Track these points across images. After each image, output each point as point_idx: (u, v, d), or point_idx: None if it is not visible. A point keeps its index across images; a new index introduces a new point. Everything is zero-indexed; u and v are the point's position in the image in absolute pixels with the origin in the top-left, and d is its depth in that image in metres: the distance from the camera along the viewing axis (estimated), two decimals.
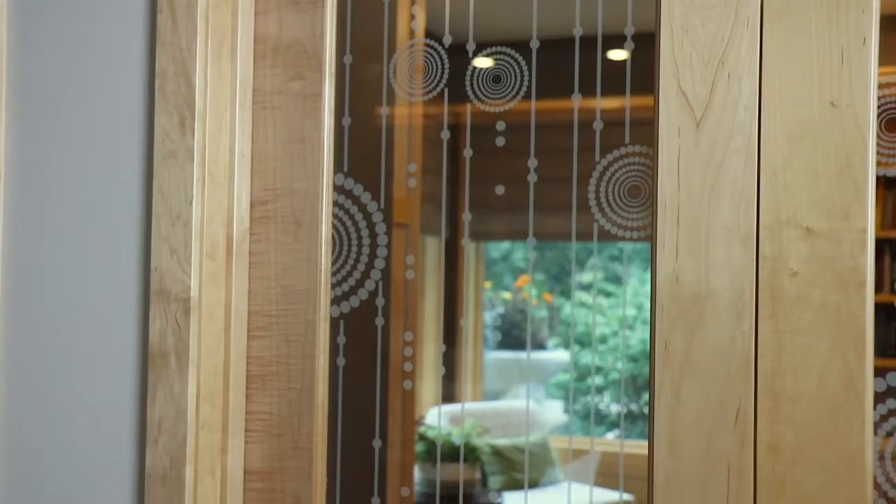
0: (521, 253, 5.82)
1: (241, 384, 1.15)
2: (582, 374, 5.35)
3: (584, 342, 5.62)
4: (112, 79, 1.14)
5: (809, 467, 0.94)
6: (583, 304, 5.73)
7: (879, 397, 0.94)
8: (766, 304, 0.96)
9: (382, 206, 1.15)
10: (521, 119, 1.08)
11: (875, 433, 0.94)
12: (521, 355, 5.20)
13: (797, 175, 0.95)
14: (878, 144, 0.95)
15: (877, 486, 0.94)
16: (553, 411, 5.05)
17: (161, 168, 1.11)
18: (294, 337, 1.14)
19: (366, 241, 1.15)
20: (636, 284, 5.32)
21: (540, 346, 5.32)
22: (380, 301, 1.14)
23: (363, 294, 1.15)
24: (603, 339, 5.58)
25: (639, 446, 1.12)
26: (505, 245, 5.82)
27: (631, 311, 5.30)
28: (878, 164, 0.95)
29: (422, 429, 3.49)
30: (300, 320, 1.13)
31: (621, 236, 1.05)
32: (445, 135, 1.11)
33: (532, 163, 1.08)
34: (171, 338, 1.10)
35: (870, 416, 0.93)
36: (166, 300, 1.10)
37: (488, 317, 5.33)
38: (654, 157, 1.01)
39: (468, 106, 1.10)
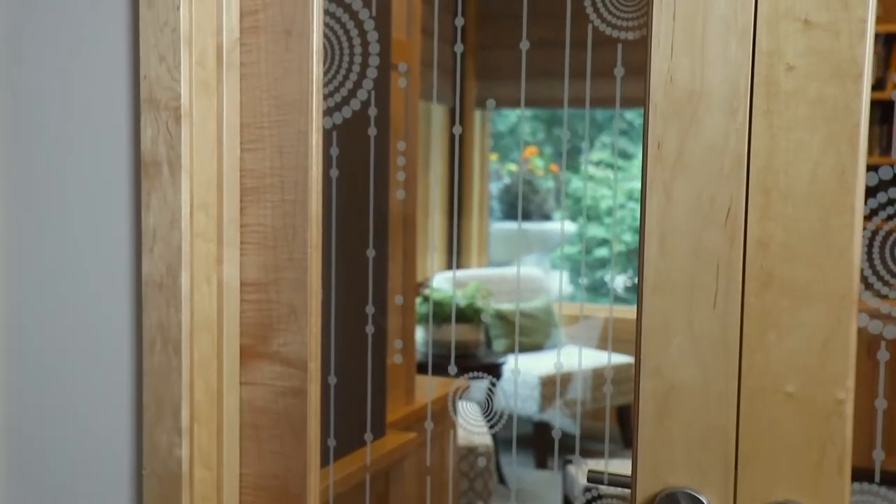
0: (528, 127, 5.77)
1: (235, 196, 1.15)
2: (588, 246, 5.37)
3: (590, 215, 5.62)
4: None
5: (798, 262, 0.94)
6: (590, 178, 5.71)
7: (871, 191, 0.94)
8: (762, 99, 0.95)
9: (374, 14, 1.13)
10: None
11: (864, 227, 0.94)
12: (527, 226, 5.21)
13: None
14: None
15: (863, 279, 0.95)
16: (558, 281, 5.09)
17: None
18: (287, 148, 1.13)
19: (357, 49, 1.13)
20: None
21: (546, 217, 5.32)
22: (372, 111, 1.13)
23: (355, 104, 1.14)
24: (609, 212, 5.58)
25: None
26: (511, 118, 5.77)
27: (638, 185, 5.28)
28: None
29: (426, 291, 3.53)
30: (292, 131, 1.13)
31: (616, 37, 1.03)
32: None
33: None
34: (162, 146, 1.10)
35: (860, 209, 0.93)
36: (157, 108, 1.09)
37: (494, 188, 5.32)
38: None
39: None
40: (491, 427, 1.22)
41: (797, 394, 0.95)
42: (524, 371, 3.83)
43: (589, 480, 1.12)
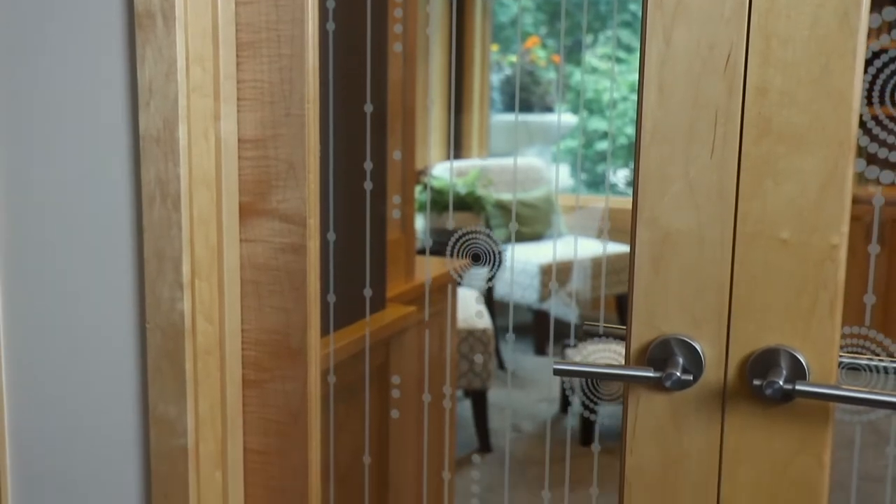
0: (531, 18, 5.67)
1: (231, 50, 1.14)
2: (589, 139, 5.34)
3: (592, 107, 5.57)
4: None
5: (797, 108, 0.94)
6: (594, 70, 5.64)
7: (873, 34, 0.92)
8: None
9: None
10: None
11: (865, 71, 0.93)
12: (528, 117, 5.17)
13: None
14: None
15: (862, 124, 0.94)
16: (559, 172, 5.08)
17: None
18: (282, 1, 1.11)
19: None
20: None
21: (548, 108, 5.28)
22: None
23: None
24: (612, 105, 5.52)
25: None
26: (514, 10, 5.66)
27: None
28: None
29: (425, 179, 3.53)
30: None
31: None
32: None
33: None
34: None
35: (861, 53, 0.92)
36: None
37: (495, 79, 5.26)
38: None
39: None
40: (489, 280, 1.24)
41: (792, 240, 0.96)
42: (524, 260, 3.85)
43: (585, 334, 1.14)
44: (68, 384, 1.22)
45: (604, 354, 1.39)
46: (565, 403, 3.41)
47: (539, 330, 3.88)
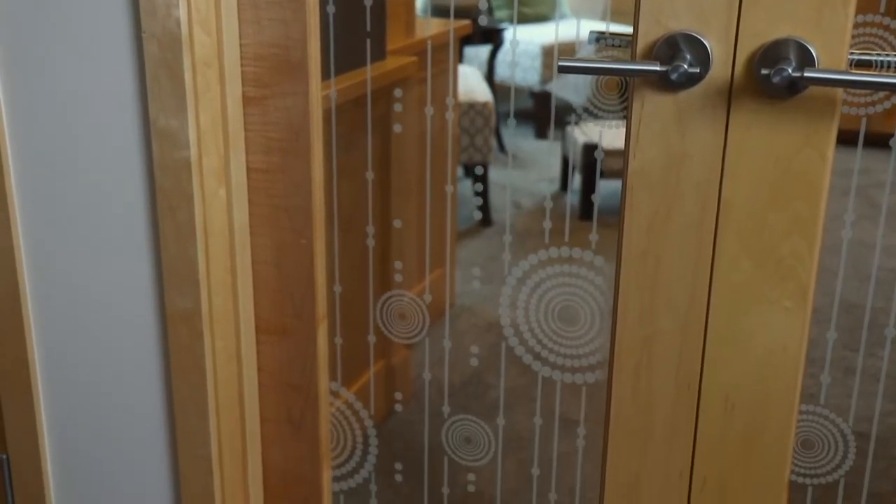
0: None
1: None
2: None
3: None
4: None
5: None
6: None
7: None
8: None
9: None
10: None
11: None
12: None
13: None
14: None
15: None
16: None
17: None
18: None
19: None
20: None
21: None
22: None
23: None
24: None
25: None
26: None
27: None
28: None
29: None
30: None
31: None
32: None
33: None
34: None
35: None
36: None
37: None
38: None
39: None
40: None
41: None
42: (526, 41, 3.77)
43: (591, 41, 1.12)
44: (67, 96, 1.20)
45: (606, 132, 1.37)
46: (565, 183, 3.43)
47: (539, 113, 3.84)
